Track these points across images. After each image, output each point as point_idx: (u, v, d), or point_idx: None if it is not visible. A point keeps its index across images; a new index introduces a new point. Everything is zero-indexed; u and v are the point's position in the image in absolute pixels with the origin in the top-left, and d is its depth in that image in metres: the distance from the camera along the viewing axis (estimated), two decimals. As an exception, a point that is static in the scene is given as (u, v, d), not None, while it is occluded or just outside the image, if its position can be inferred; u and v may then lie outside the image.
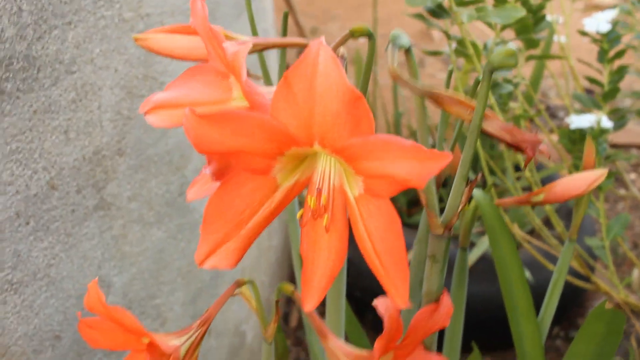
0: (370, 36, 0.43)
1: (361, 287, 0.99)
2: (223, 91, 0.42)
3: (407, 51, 0.37)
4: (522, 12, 0.70)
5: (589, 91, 1.66)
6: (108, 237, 0.69)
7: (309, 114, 0.33)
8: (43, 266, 0.62)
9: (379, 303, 0.41)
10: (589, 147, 0.58)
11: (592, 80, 0.95)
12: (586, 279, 1.09)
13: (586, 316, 1.32)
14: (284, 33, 0.53)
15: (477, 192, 0.59)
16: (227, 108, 0.40)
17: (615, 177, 1.09)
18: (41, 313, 0.62)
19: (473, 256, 1.16)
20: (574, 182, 0.56)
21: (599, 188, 0.85)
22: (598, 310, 0.57)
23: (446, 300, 0.45)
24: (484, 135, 0.39)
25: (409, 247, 0.42)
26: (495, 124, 0.39)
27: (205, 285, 0.89)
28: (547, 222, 1.18)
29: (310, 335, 0.73)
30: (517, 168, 1.20)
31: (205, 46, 0.41)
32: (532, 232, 1.20)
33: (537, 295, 0.65)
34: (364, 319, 1.03)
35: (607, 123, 0.85)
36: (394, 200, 0.46)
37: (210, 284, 0.90)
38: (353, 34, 0.41)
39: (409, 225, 1.25)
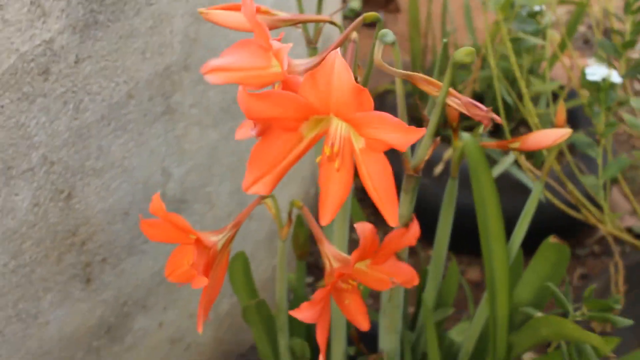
0: (378, 21, 0.56)
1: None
2: (264, 60, 0.55)
3: (393, 44, 0.51)
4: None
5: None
6: (171, 136, 0.85)
7: (327, 98, 0.47)
8: (119, 158, 0.78)
9: (358, 226, 0.56)
10: (561, 109, 0.70)
11: (614, 30, 1.04)
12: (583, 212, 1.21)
13: (579, 247, 1.46)
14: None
15: (465, 135, 0.72)
16: (269, 89, 0.54)
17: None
18: (115, 194, 0.79)
19: (495, 171, 1.30)
20: (544, 137, 0.69)
21: (602, 134, 0.96)
22: (548, 242, 0.72)
23: (414, 226, 0.60)
24: (448, 107, 0.53)
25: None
26: (456, 101, 0.52)
27: (250, 179, 1.05)
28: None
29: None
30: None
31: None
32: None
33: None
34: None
35: (616, 78, 0.96)
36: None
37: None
38: (365, 20, 0.55)
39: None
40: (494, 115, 0.54)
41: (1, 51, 0.62)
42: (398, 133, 0.47)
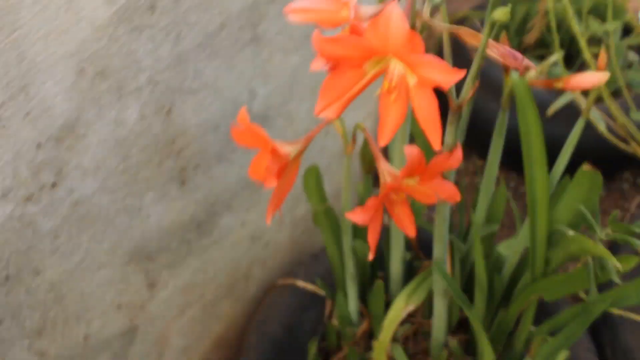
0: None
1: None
2: (336, 4, 0.65)
3: (442, 3, 0.60)
4: None
5: None
6: (258, 60, 0.96)
7: (386, 41, 0.57)
8: (212, 79, 0.90)
9: (406, 149, 0.66)
10: (602, 54, 0.78)
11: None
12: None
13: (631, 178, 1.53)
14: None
15: (514, 73, 0.80)
16: (340, 34, 0.64)
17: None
18: (208, 110, 0.92)
19: (559, 103, 1.37)
20: (585, 79, 0.77)
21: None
22: (582, 169, 0.81)
23: (457, 152, 0.70)
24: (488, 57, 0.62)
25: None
26: (495, 51, 0.62)
27: (328, 98, 1.16)
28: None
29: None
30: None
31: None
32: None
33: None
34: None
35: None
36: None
37: (332, 98, 1.17)
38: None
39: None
40: (530, 63, 0.63)
41: (117, -10, 0.74)
42: (443, 73, 0.57)
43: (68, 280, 0.86)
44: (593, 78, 0.76)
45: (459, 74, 0.56)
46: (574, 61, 1.55)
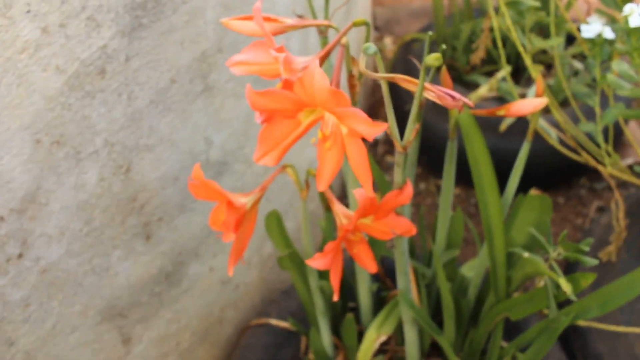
0: (367, 24, 0.67)
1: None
2: (272, 58, 0.68)
3: (375, 54, 0.62)
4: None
5: None
6: (211, 109, 0.98)
7: (312, 96, 0.60)
8: (167, 133, 0.92)
9: (356, 192, 0.69)
10: (539, 81, 0.81)
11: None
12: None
13: (597, 181, 1.58)
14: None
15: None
16: (271, 88, 0.66)
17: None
18: (166, 164, 0.93)
19: (510, 119, 1.41)
20: (525, 105, 0.80)
21: (597, 85, 1.06)
22: (532, 194, 0.84)
23: (407, 189, 0.72)
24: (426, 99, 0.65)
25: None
26: (432, 94, 0.64)
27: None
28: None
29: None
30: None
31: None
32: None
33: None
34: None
35: (609, 34, 1.04)
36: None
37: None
38: (355, 24, 0.67)
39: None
40: (466, 101, 0.66)
41: (67, 60, 0.75)
42: (365, 126, 0.60)
43: (42, 347, 0.87)
44: (532, 104, 0.80)
45: (381, 127, 0.59)
46: (521, 74, 1.60)
